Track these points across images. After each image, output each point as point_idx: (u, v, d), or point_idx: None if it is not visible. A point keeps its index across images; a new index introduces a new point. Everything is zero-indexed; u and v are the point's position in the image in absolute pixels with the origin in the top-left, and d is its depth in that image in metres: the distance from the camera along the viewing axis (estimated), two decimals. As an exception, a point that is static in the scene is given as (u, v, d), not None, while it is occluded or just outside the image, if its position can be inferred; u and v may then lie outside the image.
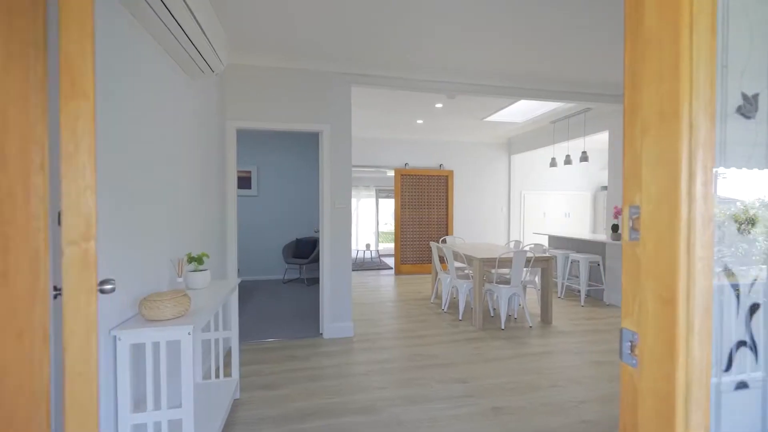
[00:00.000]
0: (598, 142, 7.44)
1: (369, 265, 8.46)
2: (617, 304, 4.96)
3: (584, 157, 5.28)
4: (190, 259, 2.16)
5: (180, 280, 1.93)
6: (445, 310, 4.67)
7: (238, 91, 3.46)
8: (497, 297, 4.20)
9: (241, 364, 3.07)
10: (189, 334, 1.49)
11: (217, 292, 2.15)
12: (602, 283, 5.20)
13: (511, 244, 7.31)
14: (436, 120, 6.01)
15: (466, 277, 4.50)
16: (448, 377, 2.84)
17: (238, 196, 6.47)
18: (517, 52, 3.41)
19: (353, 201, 11.69)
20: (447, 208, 7.39)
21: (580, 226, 8.02)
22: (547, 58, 3.50)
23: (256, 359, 3.17)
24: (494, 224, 7.65)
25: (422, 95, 4.77)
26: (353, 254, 10.17)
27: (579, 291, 5.56)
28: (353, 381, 2.78)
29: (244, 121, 3.45)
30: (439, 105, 5.16)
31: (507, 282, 4.26)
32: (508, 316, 4.42)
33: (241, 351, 3.34)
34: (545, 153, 7.74)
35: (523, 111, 5.66)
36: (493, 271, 4.25)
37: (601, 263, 5.11)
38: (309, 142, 6.75)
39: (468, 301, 4.97)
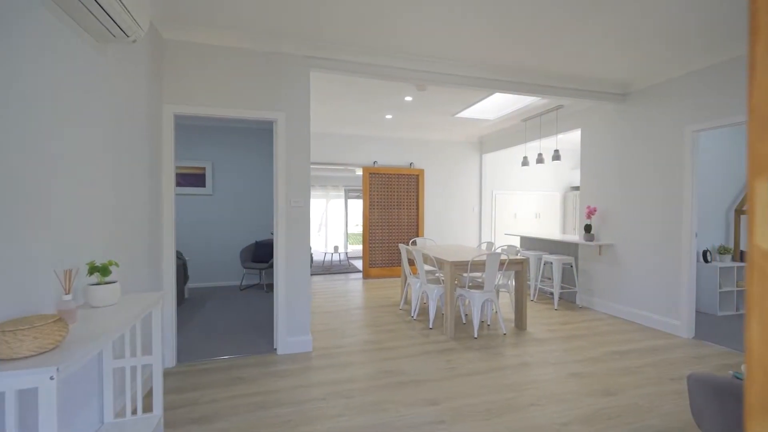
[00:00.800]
0: (569, 142, 7.41)
1: (337, 269, 8.05)
2: (590, 306, 4.83)
3: (556, 156, 5.14)
4: (92, 269, 1.70)
5: (67, 297, 1.47)
6: (414, 317, 4.34)
7: (178, 72, 2.98)
8: (470, 303, 3.93)
9: (177, 391, 2.60)
10: (52, 378, 1.06)
11: (130, 309, 1.70)
12: (575, 286, 5.07)
13: (484, 246, 7.13)
14: (405, 115, 5.71)
15: (437, 281, 4.20)
16: (417, 398, 2.51)
17: (190, 195, 5.89)
18: (492, 42, 3.14)
19: (322, 202, 11.24)
20: (417, 209, 7.11)
21: (551, 227, 7.98)
22: (526, 49, 3.26)
23: (195, 384, 2.70)
24: (466, 225, 7.45)
25: (391, 88, 4.44)
26: (321, 257, 9.72)
27: (552, 294, 5.42)
28: (307, 408, 2.39)
29: (185, 105, 2.97)
30: (408, 98, 4.85)
31: (480, 286, 4.00)
32: (482, 323, 4.16)
33: (178, 375, 2.85)
34: (517, 152, 7.64)
35: (495, 107, 5.46)
36: (465, 274, 3.97)
37: (573, 265, 4.98)
38: (270, 137, 6.26)
39: (439, 306, 4.68)
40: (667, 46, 3.26)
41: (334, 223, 11.49)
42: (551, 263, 5.37)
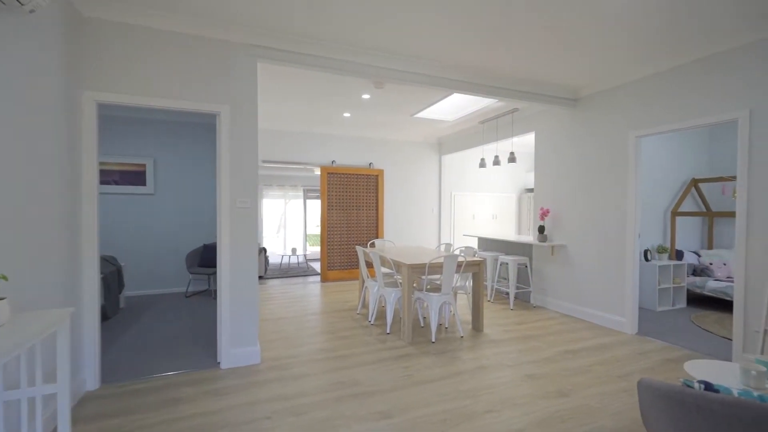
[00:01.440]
0: (524, 145, 7.63)
1: (295, 272, 7.75)
2: (544, 305, 4.95)
3: (512, 158, 5.22)
4: (-28, 285, 1.40)
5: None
6: (372, 322, 4.21)
7: (103, 56, 2.63)
8: (428, 306, 3.86)
9: (97, 418, 2.27)
10: None
11: (23, 330, 1.42)
12: (530, 286, 5.18)
13: (442, 247, 7.15)
14: (363, 114, 5.57)
15: (395, 284, 4.10)
16: (371, 411, 2.37)
17: (129, 194, 5.38)
18: (449, 39, 3.08)
19: (281, 202, 10.81)
20: (377, 210, 6.99)
21: (507, 228, 8.18)
22: (481, 49, 3.23)
23: (121, 408, 2.39)
24: (425, 226, 7.45)
25: (349, 85, 4.27)
26: (278, 260, 9.34)
27: (508, 294, 5.51)
28: (250, 429, 2.17)
29: (110, 93, 2.63)
30: (366, 96, 4.71)
31: (438, 289, 3.94)
32: (439, 326, 4.11)
33: (101, 399, 2.51)
34: (475, 154, 7.76)
35: (453, 109, 5.46)
36: (423, 277, 3.89)
37: (528, 265, 5.08)
38: (220, 132, 5.86)
39: (397, 309, 4.59)
40: (614, 54, 3.37)
41: (293, 225, 11.12)
42: (507, 264, 5.46)
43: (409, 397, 2.55)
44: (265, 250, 7.34)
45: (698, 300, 5.21)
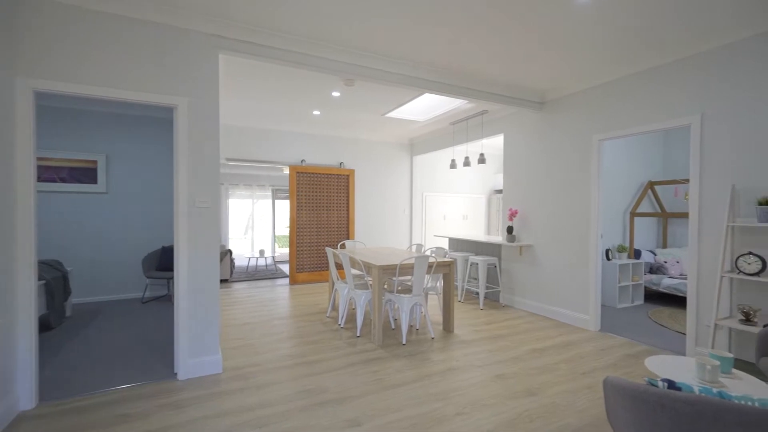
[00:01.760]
0: (493, 147, 7.77)
1: (263, 274, 7.50)
2: (512, 305, 5.03)
3: (482, 159, 5.29)
4: None
5: None
6: (342, 325, 4.11)
7: (42, 40, 2.39)
8: (398, 307, 3.81)
9: (30, 441, 2.04)
10: None
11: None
12: (498, 285, 5.25)
13: (413, 248, 7.16)
14: (334, 112, 5.45)
15: (365, 286, 4.02)
16: (339, 419, 2.28)
17: (78, 192, 4.99)
18: (423, 38, 3.04)
19: (248, 202, 10.45)
20: (348, 210, 6.89)
21: (477, 229, 8.31)
22: (451, 48, 3.22)
23: (62, 430, 2.16)
24: (397, 227, 7.42)
25: (318, 82, 4.16)
26: (245, 262, 9.02)
27: (478, 294, 5.57)
28: (207, 446, 2.02)
29: (51, 81, 2.39)
30: (336, 93, 4.61)
31: (409, 290, 3.90)
32: (410, 327, 4.07)
33: (38, 419, 2.27)
34: (446, 155, 7.82)
35: (424, 109, 5.46)
36: (394, 278, 3.84)
37: (497, 265, 5.15)
38: (181, 129, 5.55)
39: (368, 311, 4.51)
40: (577, 59, 3.46)
41: (261, 226, 10.79)
42: (477, 264, 5.52)
43: (378, 402, 2.48)
44: (230, 252, 7.05)
45: (654, 296, 5.48)
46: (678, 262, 5.34)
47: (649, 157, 5.80)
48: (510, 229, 4.89)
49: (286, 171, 7.22)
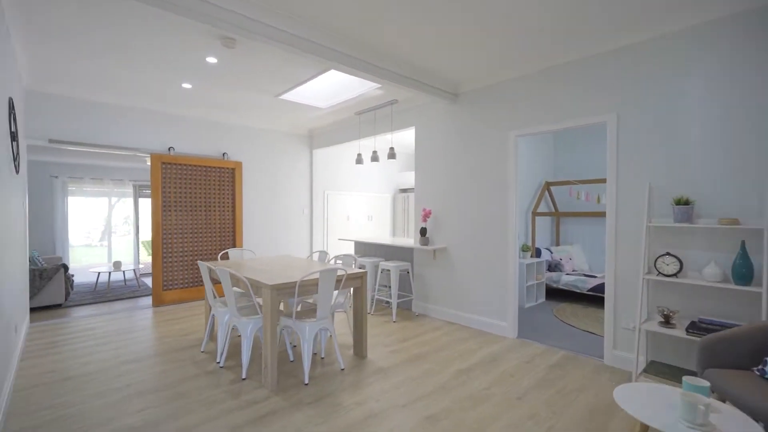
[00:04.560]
0: (400, 145, 7.38)
1: (119, 293, 5.80)
2: (427, 313, 4.61)
3: (392, 154, 4.75)
4: None
5: None
6: (221, 364, 3.09)
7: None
8: (299, 336, 2.99)
9: None
10: None
11: None
12: (411, 292, 4.79)
13: (316, 256, 6.30)
14: (211, 85, 4.30)
15: (254, 310, 3.08)
16: None
17: None
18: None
19: (103, 201, 8.16)
20: (234, 211, 5.70)
21: (383, 230, 7.85)
22: (371, 19, 2.53)
23: None
24: (295, 231, 6.47)
25: (186, 40, 3.06)
26: (95, 278, 6.98)
27: (389, 303, 5.04)
28: None
29: None
30: (211, 59, 3.53)
31: (311, 312, 3.10)
32: (314, 355, 3.27)
33: None
34: (350, 149, 7.16)
35: (327, 95, 4.70)
36: (291, 300, 3.00)
37: (410, 270, 4.68)
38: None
39: (257, 338, 3.57)
40: (493, 49, 3.13)
41: (122, 230, 8.64)
42: (389, 271, 4.99)
43: (270, 501, 1.65)
44: (65, 267, 5.20)
45: (553, 293, 5.70)
46: (571, 259, 5.63)
47: (543, 158, 6.05)
48: (423, 231, 4.46)
49: (148, 162, 5.59)
